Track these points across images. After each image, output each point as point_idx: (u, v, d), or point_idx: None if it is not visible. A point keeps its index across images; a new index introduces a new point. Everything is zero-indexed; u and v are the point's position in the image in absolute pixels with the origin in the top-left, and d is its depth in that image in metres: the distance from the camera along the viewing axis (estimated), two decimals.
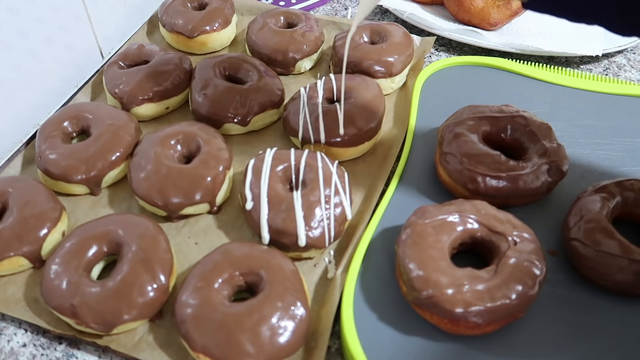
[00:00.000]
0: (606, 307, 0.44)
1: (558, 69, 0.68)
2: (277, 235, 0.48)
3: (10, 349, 0.44)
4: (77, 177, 0.53)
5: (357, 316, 0.43)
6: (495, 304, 0.39)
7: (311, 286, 0.47)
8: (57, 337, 0.45)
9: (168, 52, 0.65)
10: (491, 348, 0.42)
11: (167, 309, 0.45)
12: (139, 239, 0.46)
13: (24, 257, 0.47)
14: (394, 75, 0.64)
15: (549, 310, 0.44)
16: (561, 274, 0.46)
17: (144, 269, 0.44)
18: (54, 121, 0.57)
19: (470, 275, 0.41)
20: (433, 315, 0.41)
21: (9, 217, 0.48)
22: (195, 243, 0.51)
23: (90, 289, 0.43)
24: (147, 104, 0.61)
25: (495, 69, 0.67)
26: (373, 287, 0.45)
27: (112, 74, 0.63)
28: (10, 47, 0.59)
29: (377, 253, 0.48)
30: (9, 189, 0.50)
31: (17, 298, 0.46)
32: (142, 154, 0.54)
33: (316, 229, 0.48)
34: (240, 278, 0.44)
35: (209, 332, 0.40)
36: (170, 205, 0.51)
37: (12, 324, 0.46)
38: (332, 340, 0.44)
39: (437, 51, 0.75)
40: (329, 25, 0.75)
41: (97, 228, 0.47)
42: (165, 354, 0.43)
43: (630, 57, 0.74)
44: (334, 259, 0.49)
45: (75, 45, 0.68)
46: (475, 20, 0.74)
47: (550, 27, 0.76)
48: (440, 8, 0.79)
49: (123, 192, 0.55)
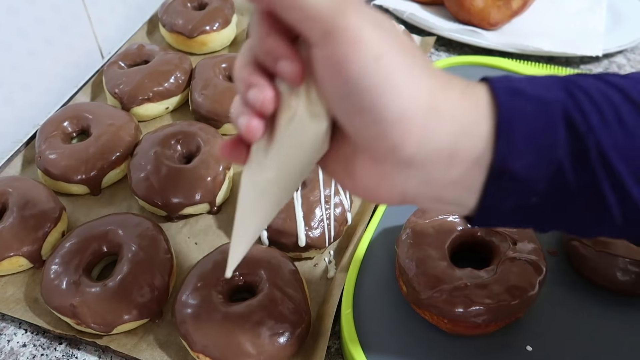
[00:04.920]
0: (606, 307, 0.44)
1: (558, 69, 0.68)
2: (277, 236, 0.48)
3: (10, 349, 0.44)
4: (77, 177, 0.53)
5: (357, 316, 0.43)
6: (495, 304, 0.39)
7: (311, 286, 0.47)
8: (57, 337, 0.45)
9: (168, 52, 0.66)
10: (491, 348, 0.41)
11: (167, 309, 0.45)
12: (139, 239, 0.46)
13: (24, 257, 0.47)
14: None
15: (549, 310, 0.44)
16: (561, 274, 0.46)
17: (143, 269, 0.44)
18: (54, 121, 0.57)
19: (470, 275, 0.41)
20: (433, 315, 0.41)
21: (9, 217, 0.48)
22: (195, 243, 0.51)
23: (90, 289, 0.43)
24: (147, 104, 0.61)
25: (495, 69, 0.67)
26: (373, 287, 0.45)
27: (112, 74, 0.63)
28: (10, 47, 0.59)
29: (377, 253, 0.48)
30: (9, 189, 0.50)
31: (17, 298, 0.46)
32: (142, 154, 0.54)
33: (316, 229, 0.48)
34: (240, 278, 0.44)
35: (208, 332, 0.40)
36: (170, 205, 0.51)
37: (12, 324, 0.46)
38: (332, 340, 0.44)
39: (437, 51, 0.75)
40: None
41: (97, 228, 0.47)
42: (165, 354, 0.43)
43: (630, 57, 0.74)
44: (334, 259, 0.49)
45: (75, 45, 0.68)
46: (476, 20, 0.73)
47: (550, 27, 0.76)
48: (440, 8, 0.79)
49: (123, 192, 0.55)
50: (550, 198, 0.25)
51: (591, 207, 0.25)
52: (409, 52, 0.24)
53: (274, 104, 0.26)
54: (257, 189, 0.28)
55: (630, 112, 0.24)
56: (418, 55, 0.25)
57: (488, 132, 0.24)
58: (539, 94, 0.24)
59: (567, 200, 0.25)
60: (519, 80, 0.25)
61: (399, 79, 0.23)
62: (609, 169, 0.24)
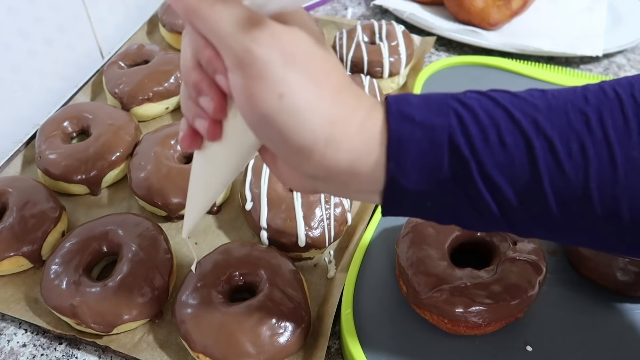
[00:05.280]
0: (606, 307, 0.44)
1: (558, 69, 0.68)
2: (277, 235, 0.48)
3: (10, 349, 0.44)
4: (77, 177, 0.53)
5: (357, 316, 0.43)
6: (495, 304, 0.39)
7: (311, 286, 0.47)
8: (57, 337, 0.45)
9: (168, 52, 0.66)
10: (491, 348, 0.41)
11: (167, 309, 0.45)
12: (139, 239, 0.46)
13: (24, 257, 0.47)
14: (394, 75, 0.64)
15: (549, 310, 0.44)
16: (561, 274, 0.46)
17: (143, 269, 0.44)
18: (54, 121, 0.57)
19: (470, 275, 0.41)
20: (433, 315, 0.41)
21: (9, 217, 0.48)
22: (195, 243, 0.51)
23: (90, 289, 0.43)
24: (147, 104, 0.61)
25: (495, 69, 0.67)
26: (373, 287, 0.45)
27: (112, 74, 0.63)
28: (10, 47, 0.59)
29: (377, 253, 0.48)
30: (9, 189, 0.50)
31: (17, 298, 0.46)
32: (142, 154, 0.54)
33: (316, 229, 0.48)
34: (240, 278, 0.44)
35: (209, 332, 0.40)
36: (170, 205, 0.51)
37: (12, 324, 0.46)
38: (332, 340, 0.44)
39: (437, 51, 0.75)
40: (329, 25, 0.75)
41: (97, 228, 0.47)
42: (165, 354, 0.43)
43: (630, 57, 0.74)
44: (334, 259, 0.49)
45: (75, 45, 0.68)
46: (475, 20, 0.74)
47: (550, 27, 0.76)
48: (440, 8, 0.79)
49: (123, 192, 0.56)
50: (441, 204, 0.28)
51: (476, 210, 0.28)
52: (318, 77, 0.26)
53: (224, 111, 0.29)
54: (208, 164, 0.32)
55: (511, 131, 0.27)
56: (329, 76, 0.27)
57: (380, 156, 0.27)
58: (427, 119, 0.27)
59: (456, 205, 0.28)
60: (414, 104, 0.28)
61: (301, 117, 0.26)
62: (489, 182, 0.27)
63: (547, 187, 0.26)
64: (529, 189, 0.27)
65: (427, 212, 0.29)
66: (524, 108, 0.27)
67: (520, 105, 0.28)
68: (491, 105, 0.28)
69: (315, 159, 0.27)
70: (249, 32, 0.25)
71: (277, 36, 0.25)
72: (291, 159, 0.28)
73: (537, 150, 0.26)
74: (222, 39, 0.25)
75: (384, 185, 0.28)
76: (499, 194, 0.27)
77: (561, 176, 0.26)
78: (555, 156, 0.26)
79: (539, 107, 0.27)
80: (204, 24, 0.25)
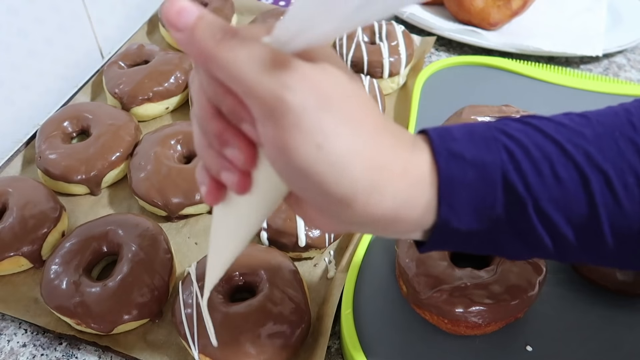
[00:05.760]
0: (606, 307, 0.44)
1: (558, 69, 0.68)
2: (277, 236, 0.48)
3: (10, 349, 0.44)
4: (77, 177, 0.53)
5: (357, 316, 0.43)
6: (495, 304, 0.39)
7: (311, 286, 0.47)
8: (57, 337, 0.45)
9: (168, 52, 0.65)
10: (491, 348, 0.41)
11: (167, 309, 0.45)
12: (139, 239, 0.46)
13: (24, 257, 0.47)
14: (394, 75, 0.64)
15: (549, 310, 0.44)
16: (561, 274, 0.46)
17: (143, 269, 0.44)
18: (54, 121, 0.57)
19: (470, 275, 0.41)
20: (433, 315, 0.41)
21: (9, 217, 0.48)
22: (195, 243, 0.51)
23: (90, 289, 0.43)
24: (147, 104, 0.61)
25: (495, 69, 0.67)
26: (373, 287, 0.45)
27: (112, 74, 0.63)
28: (10, 47, 0.59)
29: (377, 253, 0.48)
30: (9, 189, 0.50)
31: (17, 298, 0.46)
32: (142, 154, 0.54)
33: (316, 229, 0.48)
34: (240, 278, 0.44)
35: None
36: (170, 205, 0.51)
37: (12, 324, 0.46)
38: (332, 340, 0.44)
39: (437, 51, 0.75)
40: None
41: (97, 228, 0.47)
42: (165, 354, 0.43)
43: (630, 57, 0.74)
44: (334, 259, 0.49)
45: (75, 45, 0.68)
46: (475, 20, 0.74)
47: (550, 27, 0.76)
48: (440, 8, 0.79)
49: (123, 192, 0.55)
50: (489, 240, 0.27)
51: (528, 244, 0.27)
52: (355, 120, 0.24)
53: (255, 162, 0.26)
54: (231, 216, 0.29)
55: (564, 165, 0.26)
56: (367, 117, 0.24)
57: (430, 199, 0.26)
58: (478, 156, 0.26)
59: (506, 241, 0.27)
60: (459, 139, 0.26)
61: (341, 165, 0.23)
62: (544, 218, 0.26)
63: (604, 221, 0.26)
64: (584, 222, 0.26)
65: (471, 247, 0.28)
66: (572, 138, 0.27)
67: (568, 135, 0.27)
68: (539, 137, 0.27)
69: (358, 208, 0.24)
70: (277, 77, 0.22)
71: (309, 79, 0.22)
72: (329, 208, 0.25)
73: (592, 184, 0.26)
74: (247, 87, 0.22)
75: (432, 226, 0.26)
76: (554, 228, 0.26)
77: (618, 209, 0.26)
78: (612, 189, 0.26)
79: (587, 136, 0.27)
80: (223, 70, 0.23)
